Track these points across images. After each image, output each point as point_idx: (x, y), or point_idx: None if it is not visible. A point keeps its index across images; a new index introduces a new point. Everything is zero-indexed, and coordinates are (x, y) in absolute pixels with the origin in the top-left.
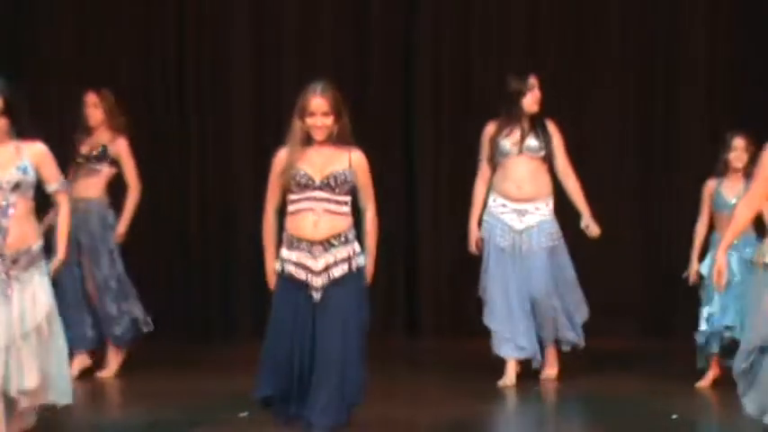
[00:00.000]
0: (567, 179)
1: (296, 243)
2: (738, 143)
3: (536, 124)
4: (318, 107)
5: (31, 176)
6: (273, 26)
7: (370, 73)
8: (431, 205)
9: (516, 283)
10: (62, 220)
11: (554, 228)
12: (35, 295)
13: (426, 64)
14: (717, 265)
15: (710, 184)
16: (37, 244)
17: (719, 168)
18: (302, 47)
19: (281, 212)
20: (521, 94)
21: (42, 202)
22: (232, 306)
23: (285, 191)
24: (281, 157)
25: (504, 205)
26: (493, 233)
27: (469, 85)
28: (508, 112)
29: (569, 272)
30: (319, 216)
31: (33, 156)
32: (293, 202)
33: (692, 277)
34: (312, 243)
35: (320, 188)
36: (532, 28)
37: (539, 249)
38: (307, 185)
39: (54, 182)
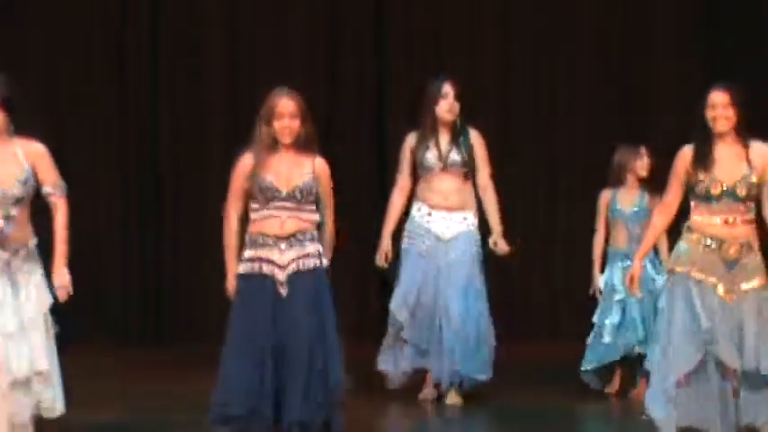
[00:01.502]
0: (485, 192)
1: (261, 240)
2: (644, 150)
3: (457, 134)
4: (286, 108)
5: (30, 186)
6: (247, 40)
7: (342, 80)
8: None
9: (434, 294)
10: (60, 225)
11: (478, 243)
12: (39, 286)
13: (398, 68)
14: (630, 273)
15: (606, 195)
16: (32, 241)
17: (614, 178)
18: (275, 56)
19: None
20: (435, 101)
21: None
22: (199, 308)
23: (248, 196)
24: (246, 162)
25: (429, 213)
26: (416, 242)
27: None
28: (426, 121)
29: (482, 296)
30: (285, 219)
31: (31, 156)
32: (256, 210)
33: (597, 293)
34: (278, 238)
35: (286, 199)
36: (504, 28)
37: (461, 264)
38: (273, 197)
39: (49, 185)
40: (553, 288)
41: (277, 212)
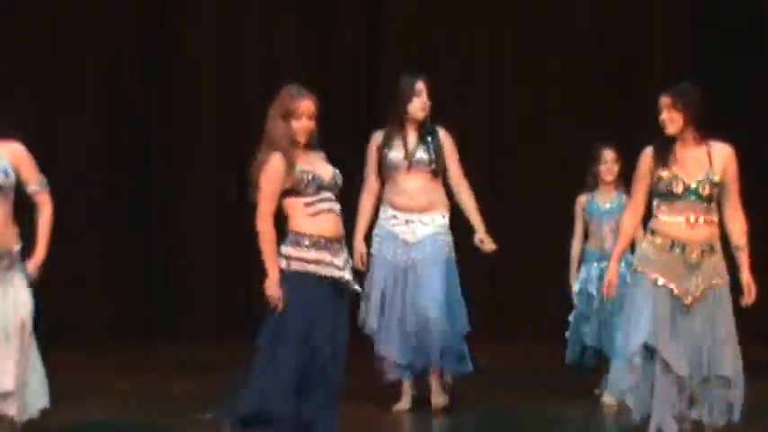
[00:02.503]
0: (459, 188)
1: (317, 241)
2: (608, 156)
3: (425, 132)
4: (308, 109)
5: (11, 178)
6: (238, 42)
7: (335, 88)
8: None
9: (405, 299)
10: (44, 221)
11: (449, 242)
12: (17, 296)
13: (389, 77)
14: (607, 277)
15: (582, 199)
16: (17, 246)
17: (589, 182)
18: (266, 66)
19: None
20: (407, 98)
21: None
22: (196, 307)
23: (282, 195)
24: (278, 161)
25: (395, 216)
26: (382, 246)
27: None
28: (394, 117)
29: (457, 293)
30: (338, 216)
31: (12, 156)
32: (309, 204)
33: (574, 296)
34: (332, 241)
35: (330, 189)
36: (496, 31)
37: (432, 264)
38: (320, 187)
39: (33, 183)
40: (540, 288)
41: (330, 205)
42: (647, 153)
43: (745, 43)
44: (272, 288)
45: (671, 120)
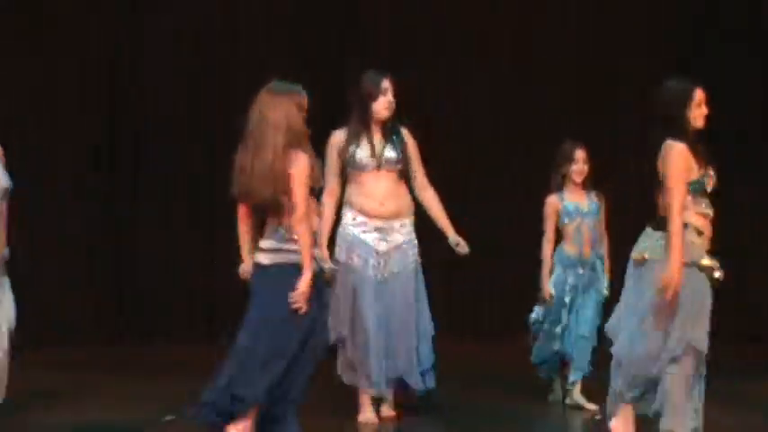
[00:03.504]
0: (424, 192)
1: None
2: (580, 155)
3: (390, 132)
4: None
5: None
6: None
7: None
8: None
9: (375, 310)
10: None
11: (415, 251)
12: (3, 305)
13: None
14: (669, 280)
15: (553, 200)
16: (7, 249)
17: (557, 182)
18: (260, 67)
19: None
20: (371, 97)
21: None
22: (195, 307)
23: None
24: (308, 161)
25: (364, 223)
26: (350, 254)
27: (414, 93)
28: (358, 117)
29: (424, 299)
30: None
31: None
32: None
33: (547, 297)
34: None
35: None
36: (496, 31)
37: (404, 274)
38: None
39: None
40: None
41: None
42: (684, 150)
43: (745, 43)
44: (308, 288)
45: (705, 114)
